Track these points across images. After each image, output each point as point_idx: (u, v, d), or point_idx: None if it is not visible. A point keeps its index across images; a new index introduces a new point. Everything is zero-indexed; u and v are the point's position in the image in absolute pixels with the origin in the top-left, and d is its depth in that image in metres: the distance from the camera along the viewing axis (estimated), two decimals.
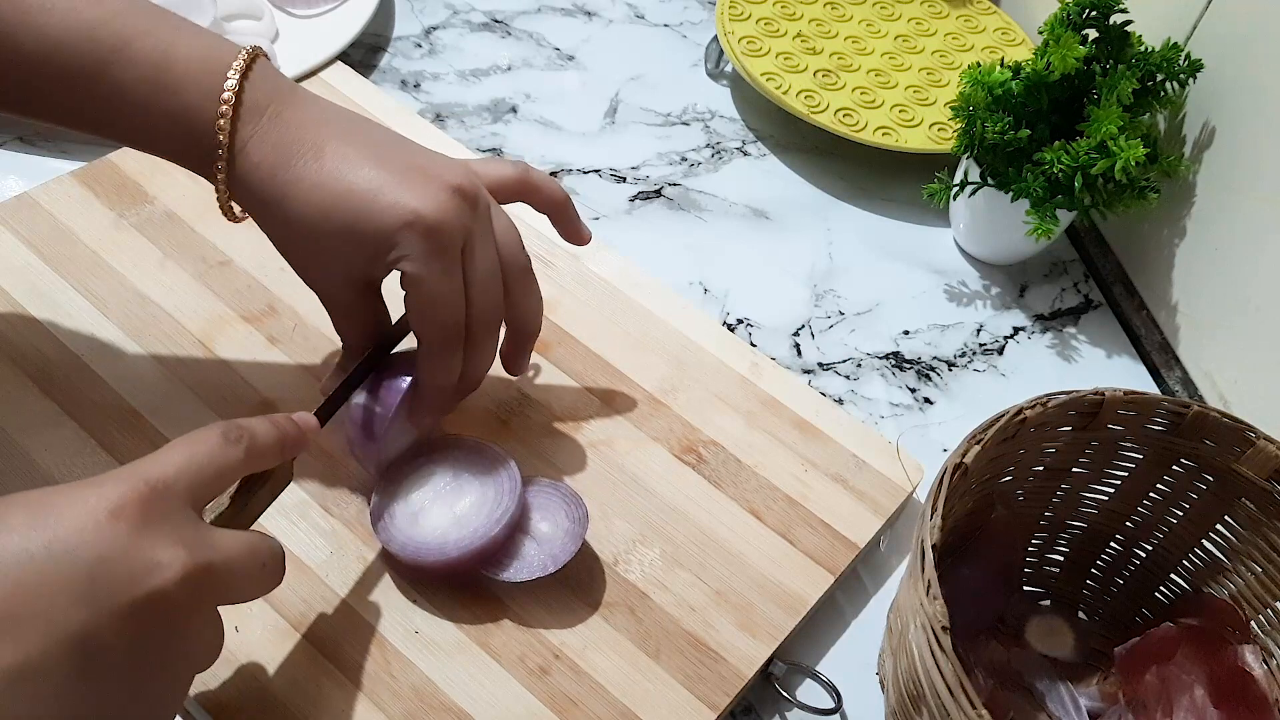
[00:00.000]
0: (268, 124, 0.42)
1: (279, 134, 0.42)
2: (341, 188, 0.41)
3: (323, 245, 0.42)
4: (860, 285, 0.67)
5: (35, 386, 0.50)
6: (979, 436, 0.41)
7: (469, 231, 0.43)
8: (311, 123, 0.43)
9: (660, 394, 0.55)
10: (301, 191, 0.41)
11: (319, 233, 0.42)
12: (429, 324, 0.43)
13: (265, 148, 0.42)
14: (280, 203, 0.42)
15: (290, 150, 0.42)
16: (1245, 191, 0.59)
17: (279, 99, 0.43)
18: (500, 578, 0.45)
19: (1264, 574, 0.45)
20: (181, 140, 0.42)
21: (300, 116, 0.43)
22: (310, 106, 0.43)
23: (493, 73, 0.76)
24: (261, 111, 0.42)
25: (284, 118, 0.42)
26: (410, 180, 0.42)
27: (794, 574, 0.49)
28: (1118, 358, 0.66)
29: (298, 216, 0.41)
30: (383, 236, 0.41)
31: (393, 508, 0.46)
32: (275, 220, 0.43)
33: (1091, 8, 0.61)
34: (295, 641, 0.44)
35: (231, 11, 0.72)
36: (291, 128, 0.42)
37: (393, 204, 0.41)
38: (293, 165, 0.41)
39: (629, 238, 0.67)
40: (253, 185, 0.42)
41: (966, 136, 0.63)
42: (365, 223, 0.41)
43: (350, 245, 0.42)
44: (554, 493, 0.48)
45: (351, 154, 0.42)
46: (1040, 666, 0.49)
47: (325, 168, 0.41)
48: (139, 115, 0.41)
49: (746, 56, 0.73)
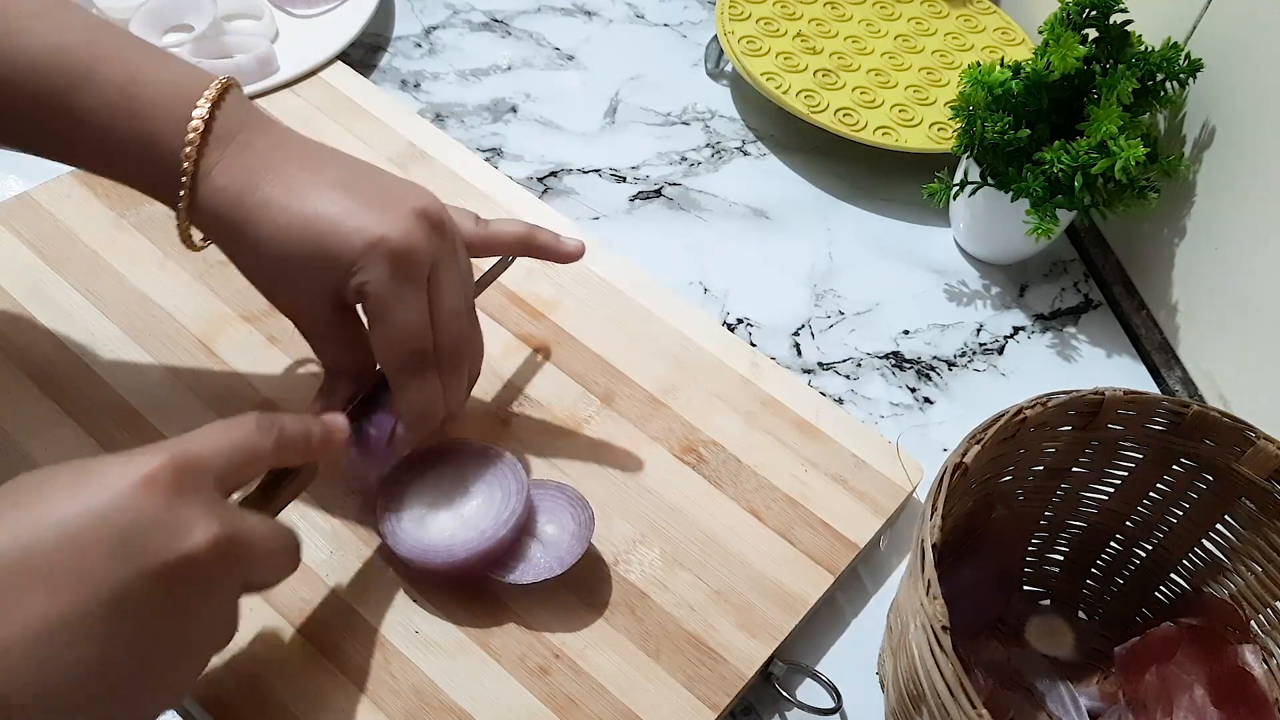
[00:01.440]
0: (235, 150, 0.42)
1: (246, 160, 0.42)
2: (308, 211, 0.41)
3: (289, 268, 0.42)
4: (860, 285, 0.67)
5: (35, 386, 0.50)
6: (979, 436, 0.41)
7: (435, 258, 0.42)
8: (280, 150, 0.43)
9: (660, 394, 0.55)
10: (268, 215, 0.41)
11: (285, 256, 0.41)
12: (393, 352, 0.42)
13: (232, 173, 0.41)
14: (246, 226, 0.41)
15: (257, 175, 0.41)
16: (1245, 191, 0.59)
17: (249, 128, 0.42)
18: (506, 580, 0.45)
19: (1264, 574, 0.45)
20: (145, 168, 0.41)
21: (269, 144, 0.43)
22: (281, 135, 0.43)
23: (493, 72, 0.76)
24: (230, 138, 0.42)
25: (254, 145, 0.42)
26: (377, 205, 0.42)
27: (794, 574, 0.49)
28: (1118, 357, 0.66)
29: (265, 239, 0.41)
30: (347, 260, 0.41)
31: (400, 511, 0.46)
32: (241, 245, 0.42)
33: (1091, 7, 0.61)
34: (295, 641, 0.44)
35: (231, 11, 0.72)
36: (259, 154, 0.42)
37: (358, 228, 0.41)
38: (259, 190, 0.41)
39: (629, 238, 0.67)
40: (218, 210, 0.41)
41: (966, 136, 0.63)
42: (330, 246, 0.41)
43: (316, 268, 0.41)
44: (560, 495, 0.48)
45: (319, 180, 0.42)
46: (1040, 666, 0.49)
47: (292, 192, 0.41)
48: (103, 141, 0.41)
49: (746, 56, 0.73)
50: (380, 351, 0.43)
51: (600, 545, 0.49)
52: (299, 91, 0.68)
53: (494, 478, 0.47)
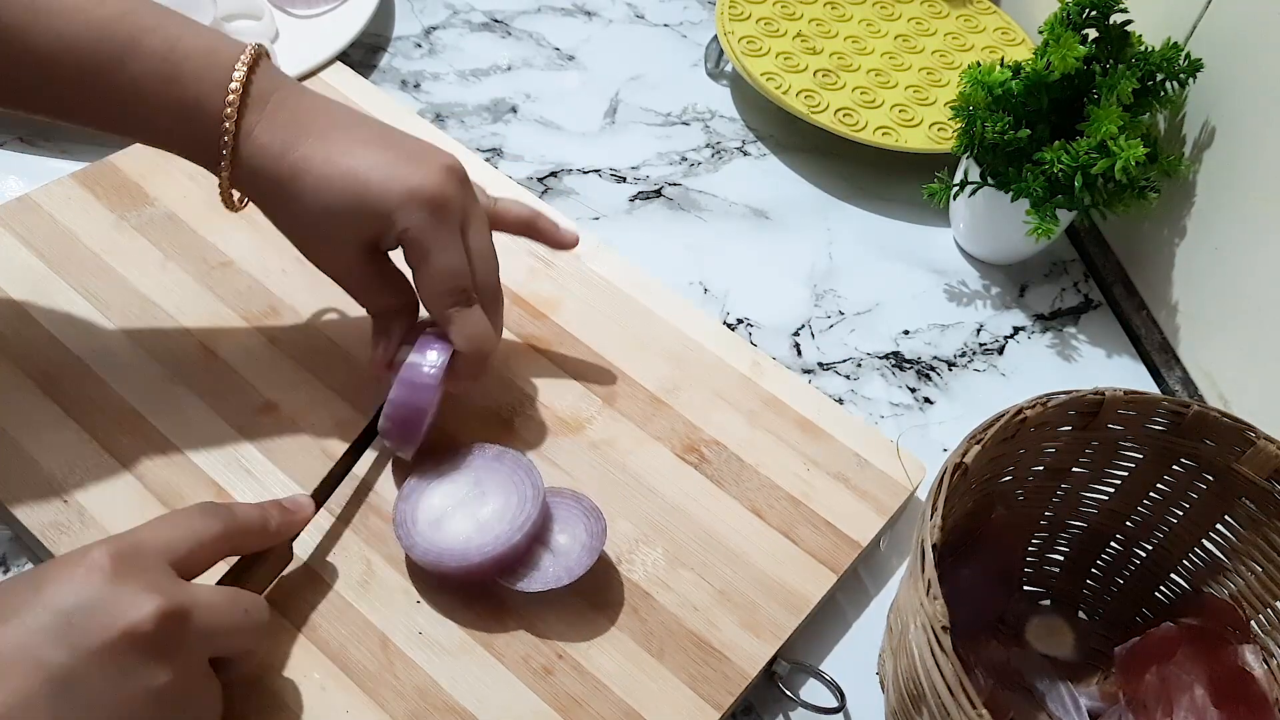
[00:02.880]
0: (273, 110, 0.44)
1: (285, 119, 0.44)
2: (347, 165, 0.44)
3: (332, 221, 0.44)
4: (860, 285, 0.67)
5: (37, 388, 0.50)
6: (979, 436, 0.41)
7: (464, 207, 0.46)
8: (315, 110, 0.45)
9: (662, 393, 0.55)
10: (310, 168, 0.44)
11: (328, 206, 0.44)
12: (441, 288, 0.45)
13: (273, 131, 0.44)
14: (289, 181, 0.44)
15: (297, 133, 0.44)
16: (1245, 191, 0.59)
17: (283, 89, 0.45)
18: (515, 587, 0.45)
19: (1264, 574, 0.45)
20: (189, 131, 0.44)
21: (304, 105, 0.45)
22: (313, 97, 0.46)
23: (493, 73, 0.76)
24: (266, 99, 0.44)
25: (288, 105, 0.45)
26: (410, 160, 0.45)
27: (797, 573, 0.49)
28: (1118, 357, 0.66)
29: (308, 191, 0.44)
30: (388, 208, 0.44)
31: (415, 513, 0.46)
32: (283, 200, 0.45)
33: (1091, 7, 0.61)
34: (298, 642, 0.44)
35: (231, 11, 0.72)
36: (297, 114, 0.45)
37: (397, 177, 0.44)
38: (300, 147, 0.44)
39: (629, 238, 0.67)
40: (261, 167, 0.44)
41: (966, 136, 0.63)
42: (371, 196, 0.44)
43: (357, 217, 0.44)
44: (575, 505, 0.48)
45: (354, 138, 0.45)
46: (1040, 666, 0.49)
47: (331, 149, 0.44)
48: (147, 108, 0.43)
49: (746, 56, 0.73)
50: (427, 291, 0.46)
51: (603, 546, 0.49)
52: None
53: (510, 482, 0.47)
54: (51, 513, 0.46)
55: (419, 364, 0.46)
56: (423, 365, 0.46)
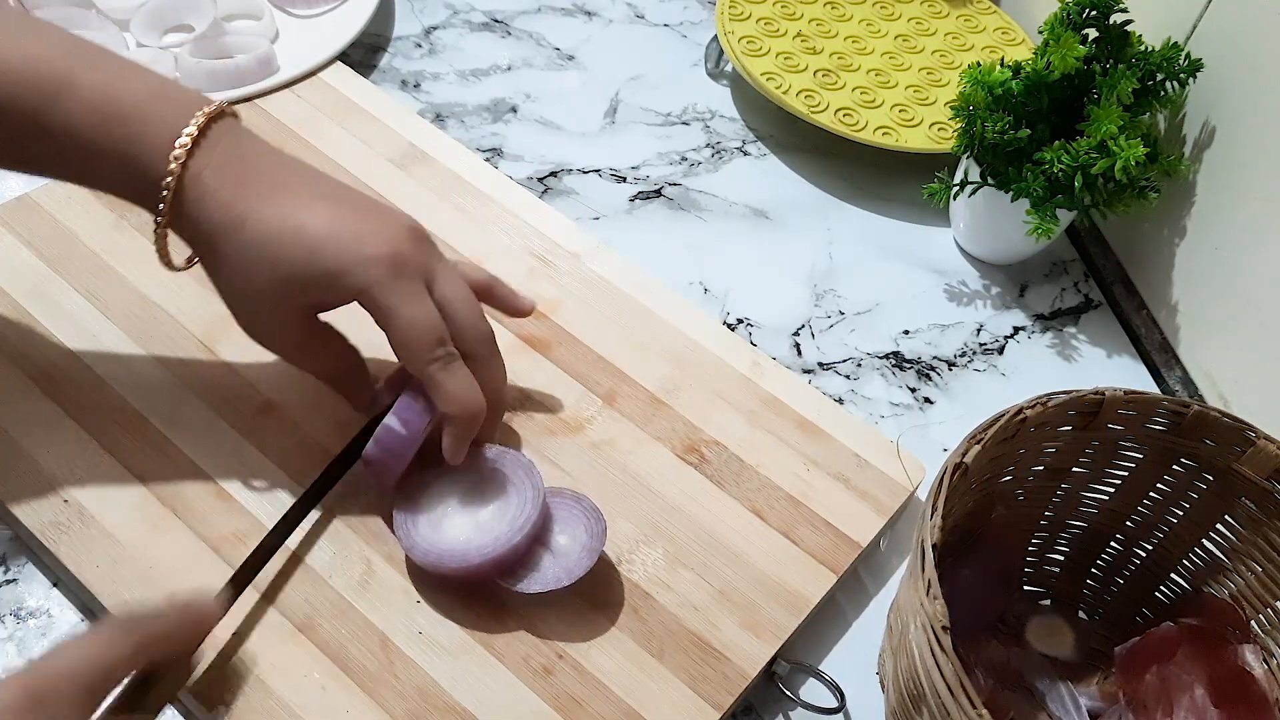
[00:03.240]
0: (225, 155, 0.42)
1: (237, 166, 0.42)
2: (299, 220, 0.42)
3: (278, 274, 0.42)
4: (860, 285, 0.67)
5: (37, 388, 0.50)
6: (979, 436, 0.41)
7: (426, 263, 0.44)
8: (272, 163, 0.43)
9: (662, 394, 0.55)
10: (261, 219, 0.41)
11: (275, 264, 0.41)
12: (412, 347, 0.43)
13: (222, 175, 0.41)
14: (237, 230, 0.41)
15: (248, 181, 0.42)
16: (1245, 191, 0.59)
17: (242, 139, 0.43)
18: (515, 588, 0.45)
19: (1264, 574, 0.45)
20: (129, 167, 0.41)
21: (261, 155, 0.43)
22: (273, 151, 0.44)
23: (493, 73, 0.76)
24: (218, 144, 0.42)
25: (242, 152, 0.42)
26: (367, 219, 0.43)
27: (797, 573, 0.49)
28: (1118, 357, 0.66)
29: (254, 244, 0.41)
30: (341, 268, 0.42)
31: (415, 514, 0.46)
32: (228, 250, 0.42)
33: (1091, 7, 0.61)
34: (298, 642, 0.44)
35: (231, 11, 0.72)
36: (250, 163, 0.42)
37: (351, 236, 0.42)
38: (250, 196, 0.41)
39: (629, 238, 0.67)
40: (206, 213, 0.41)
41: (966, 136, 0.63)
42: (325, 255, 0.42)
43: (306, 277, 0.42)
44: (575, 506, 0.48)
45: (311, 193, 0.43)
46: (1040, 666, 0.49)
47: (283, 202, 0.42)
48: (88, 144, 0.41)
49: (746, 56, 0.73)
50: (402, 352, 0.43)
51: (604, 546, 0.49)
52: (299, 92, 0.68)
53: (511, 483, 0.47)
54: (51, 513, 0.46)
55: (394, 428, 0.44)
56: (399, 429, 0.44)
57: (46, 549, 0.45)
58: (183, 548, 0.46)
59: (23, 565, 0.47)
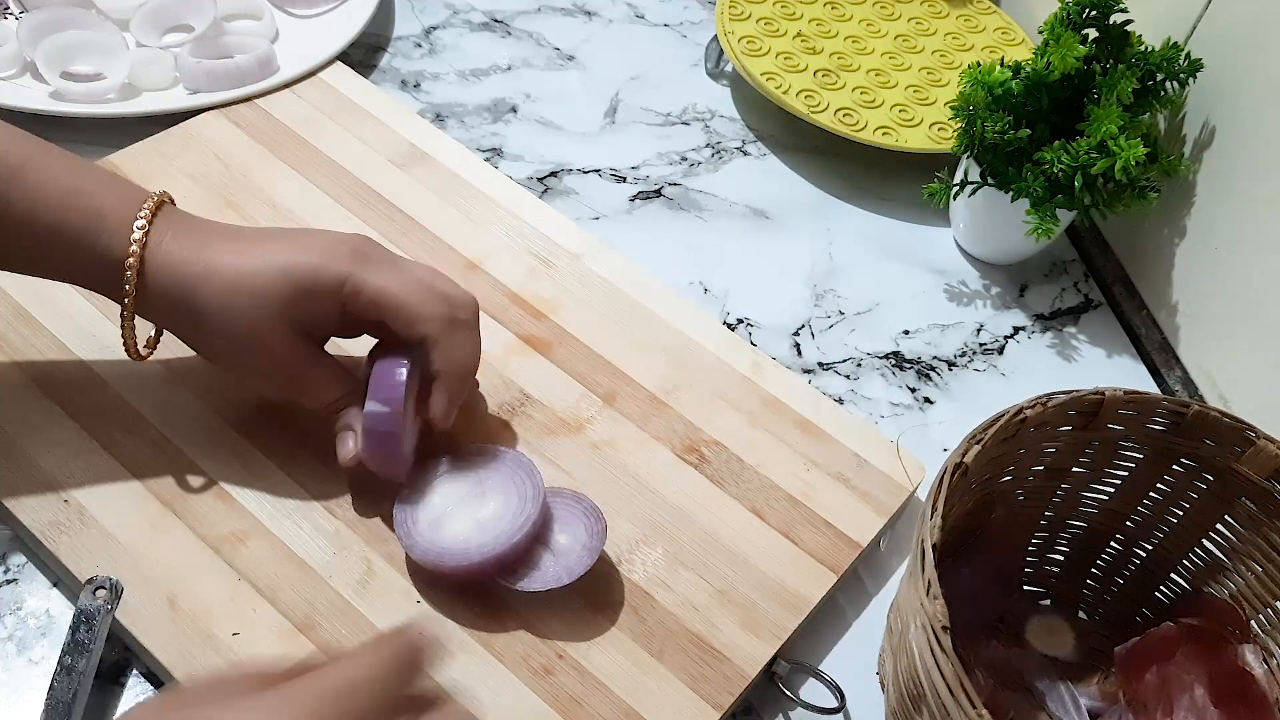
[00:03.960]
0: (178, 227, 0.44)
1: (192, 232, 0.44)
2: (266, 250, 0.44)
3: (263, 303, 0.43)
4: (860, 285, 0.67)
5: (37, 387, 0.50)
6: (979, 436, 0.41)
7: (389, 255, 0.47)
8: (217, 226, 0.46)
9: (662, 394, 0.55)
10: (229, 264, 0.43)
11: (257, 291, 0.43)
12: (411, 312, 0.45)
13: (181, 241, 0.44)
14: (209, 279, 0.43)
15: (206, 241, 0.44)
16: (1245, 191, 0.59)
17: (179, 212, 0.46)
18: (514, 587, 0.45)
19: (1264, 574, 0.45)
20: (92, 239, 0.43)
21: (204, 222, 0.46)
22: (209, 220, 0.46)
23: (493, 73, 0.76)
24: (168, 218, 0.44)
25: (189, 222, 0.45)
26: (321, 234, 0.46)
27: (797, 573, 0.49)
28: (1118, 357, 0.66)
29: (230, 283, 0.43)
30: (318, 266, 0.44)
31: (415, 513, 0.46)
32: (207, 298, 0.43)
33: (1091, 7, 0.61)
34: (299, 642, 0.44)
35: (231, 11, 0.72)
36: (201, 228, 0.45)
37: (318, 245, 0.45)
38: (211, 252, 0.44)
39: (629, 238, 0.67)
40: (175, 274, 0.43)
41: (966, 136, 0.64)
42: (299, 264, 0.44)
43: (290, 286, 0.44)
44: (575, 505, 0.48)
45: (262, 235, 0.46)
46: (1040, 666, 0.49)
47: (244, 246, 0.44)
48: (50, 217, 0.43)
49: (746, 56, 0.73)
50: (399, 316, 0.45)
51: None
52: (299, 92, 0.67)
53: (511, 482, 0.47)
54: (51, 513, 0.46)
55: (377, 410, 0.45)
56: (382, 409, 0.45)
57: (46, 549, 0.45)
58: (183, 548, 0.46)
59: (22, 565, 0.47)
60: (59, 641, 0.42)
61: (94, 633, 0.41)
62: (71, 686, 0.40)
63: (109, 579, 0.43)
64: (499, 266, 0.60)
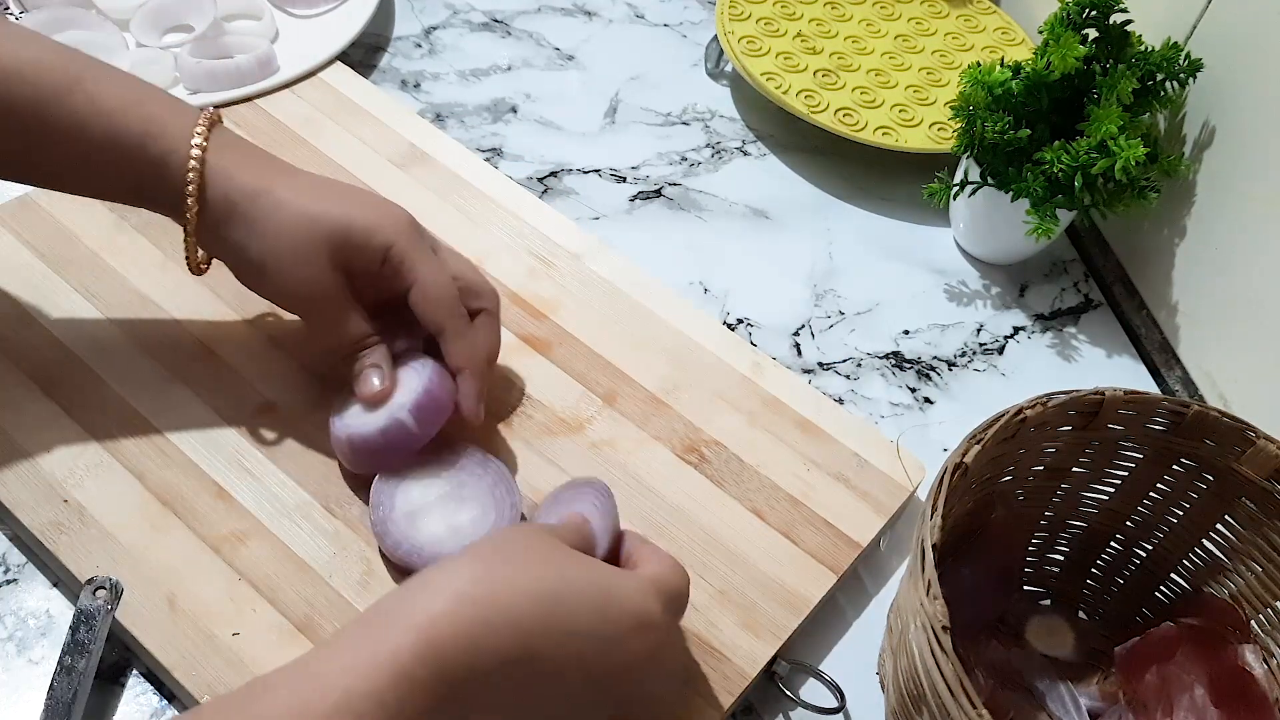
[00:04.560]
0: (234, 144, 0.46)
1: (250, 151, 0.46)
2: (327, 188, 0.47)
3: (318, 230, 0.45)
4: (860, 285, 0.67)
5: (37, 387, 0.50)
6: (979, 436, 0.41)
7: (433, 237, 0.49)
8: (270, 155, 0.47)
9: (662, 394, 0.55)
10: (290, 185, 0.45)
11: (316, 218, 0.45)
12: (438, 303, 0.47)
13: (239, 156, 0.45)
14: (269, 192, 0.45)
15: (264, 163, 0.46)
16: (1245, 191, 0.59)
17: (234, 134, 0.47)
18: None
19: (1264, 574, 0.45)
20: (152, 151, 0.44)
21: (259, 149, 0.47)
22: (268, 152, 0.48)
23: (493, 73, 0.76)
24: (223, 135, 0.46)
25: (245, 144, 0.47)
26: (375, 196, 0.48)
27: (796, 573, 0.49)
28: (1118, 357, 0.66)
29: (290, 201, 0.45)
30: (377, 224, 0.46)
31: (393, 499, 0.46)
32: (264, 209, 0.45)
33: (1091, 7, 0.61)
34: (298, 642, 0.44)
35: (231, 11, 0.72)
36: (257, 151, 0.47)
37: (376, 204, 0.47)
38: (270, 173, 0.46)
39: (629, 238, 0.67)
40: (234, 183, 0.45)
41: (966, 136, 0.63)
42: (360, 212, 0.46)
43: (347, 227, 0.45)
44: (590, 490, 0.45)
45: (317, 181, 0.47)
46: (1040, 666, 0.49)
47: (303, 179, 0.46)
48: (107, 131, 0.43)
49: (746, 56, 0.73)
50: (426, 305, 0.47)
51: None
52: (299, 92, 0.68)
53: (490, 496, 0.47)
54: (51, 513, 0.46)
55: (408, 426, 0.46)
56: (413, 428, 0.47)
57: (46, 549, 0.45)
58: (182, 548, 0.46)
59: (23, 565, 0.47)
60: (59, 641, 0.42)
61: (94, 633, 0.41)
62: (71, 686, 0.40)
63: (109, 579, 0.43)
64: (499, 266, 0.60)
